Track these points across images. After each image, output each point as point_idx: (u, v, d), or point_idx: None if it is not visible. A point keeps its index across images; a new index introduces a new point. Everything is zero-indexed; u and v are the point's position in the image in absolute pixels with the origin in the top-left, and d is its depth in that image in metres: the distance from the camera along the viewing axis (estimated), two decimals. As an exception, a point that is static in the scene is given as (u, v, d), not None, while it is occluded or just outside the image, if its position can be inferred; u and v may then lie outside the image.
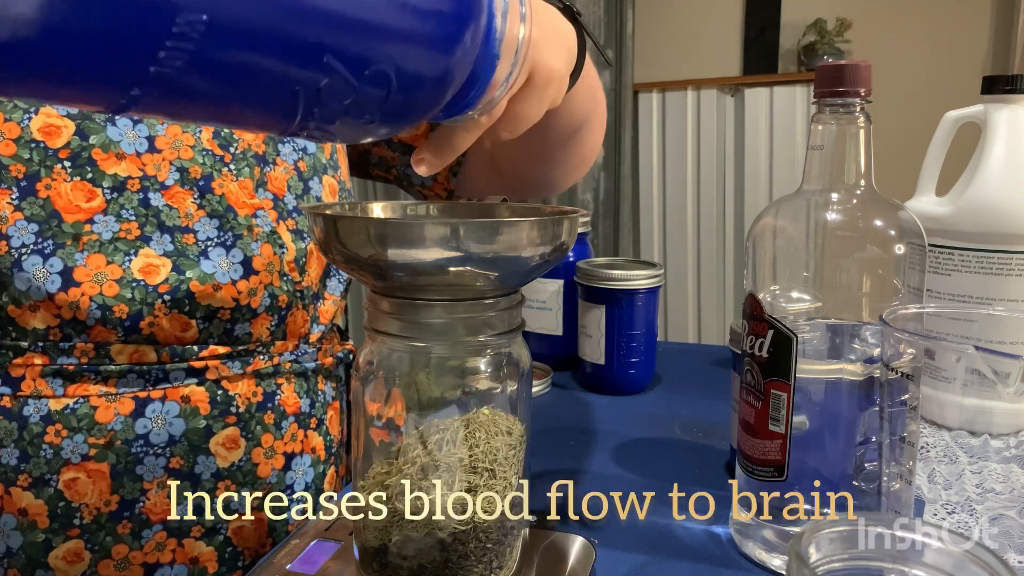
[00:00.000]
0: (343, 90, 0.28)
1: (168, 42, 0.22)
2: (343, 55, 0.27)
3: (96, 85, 0.23)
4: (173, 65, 0.23)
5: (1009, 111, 0.58)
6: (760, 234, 0.46)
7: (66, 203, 0.50)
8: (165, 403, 0.52)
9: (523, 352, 0.41)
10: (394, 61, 0.29)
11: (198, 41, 0.23)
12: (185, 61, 0.23)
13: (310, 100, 0.28)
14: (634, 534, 0.51)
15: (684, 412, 0.75)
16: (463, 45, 0.32)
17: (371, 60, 0.28)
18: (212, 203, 0.54)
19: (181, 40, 0.22)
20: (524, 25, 0.36)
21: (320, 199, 0.62)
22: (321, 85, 0.27)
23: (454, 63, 0.32)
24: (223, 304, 0.54)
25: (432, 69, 0.31)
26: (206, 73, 0.24)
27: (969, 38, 2.39)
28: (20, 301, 0.49)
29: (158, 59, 0.22)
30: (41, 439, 0.50)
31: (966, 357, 0.34)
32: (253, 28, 0.24)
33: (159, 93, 0.24)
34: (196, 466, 0.53)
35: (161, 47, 0.22)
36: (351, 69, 0.28)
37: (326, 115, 0.29)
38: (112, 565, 0.52)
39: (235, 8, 0.23)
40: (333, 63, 0.27)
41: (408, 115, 0.33)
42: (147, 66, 0.23)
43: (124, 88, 0.23)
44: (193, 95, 0.25)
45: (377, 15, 0.28)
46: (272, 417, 0.57)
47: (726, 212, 2.70)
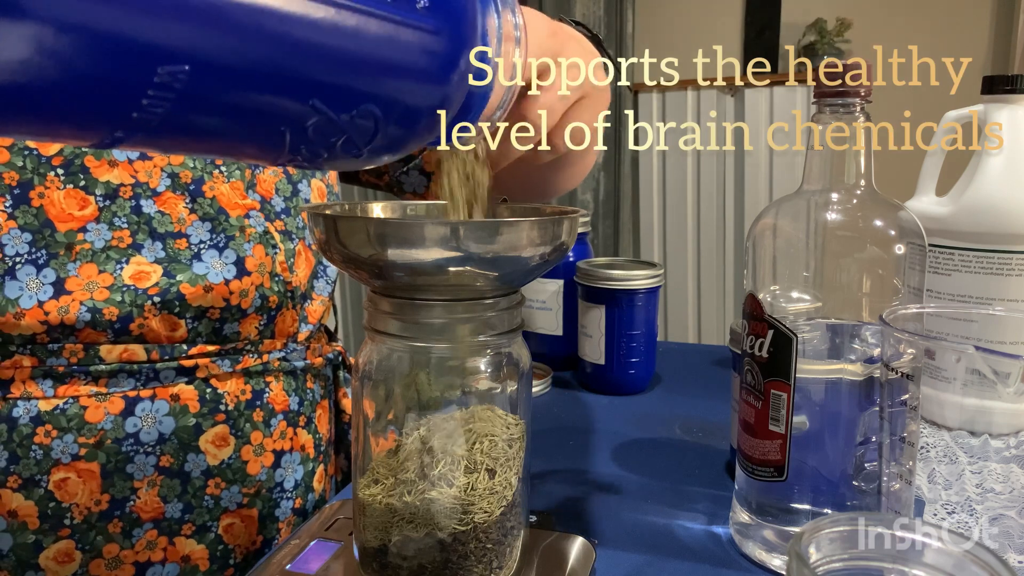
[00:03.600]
0: (330, 130, 0.28)
1: (150, 91, 0.22)
2: (330, 97, 0.27)
3: (80, 128, 0.23)
4: (155, 112, 0.23)
5: (1009, 111, 0.58)
6: (760, 234, 0.46)
7: (59, 212, 0.50)
8: (155, 402, 0.53)
9: (523, 352, 0.41)
10: (381, 100, 0.28)
11: (180, 90, 0.23)
12: (168, 108, 0.23)
13: (296, 139, 0.27)
14: (634, 534, 0.51)
15: (684, 412, 0.75)
16: (455, 76, 0.31)
17: (359, 99, 0.28)
18: (204, 206, 0.55)
19: (163, 89, 0.22)
20: (519, 48, 0.35)
21: (308, 202, 0.62)
22: (308, 124, 0.27)
23: (447, 93, 0.31)
24: (213, 304, 0.54)
25: (421, 102, 0.30)
26: (189, 117, 0.24)
27: (969, 38, 2.39)
28: (5, 309, 0.49)
29: (141, 106, 0.23)
30: (31, 440, 0.50)
31: (966, 357, 0.34)
32: (236, 75, 0.24)
33: (144, 134, 0.24)
34: (186, 464, 0.54)
35: (143, 96, 0.22)
36: (339, 109, 0.27)
37: (314, 151, 0.29)
38: (103, 565, 0.52)
39: (217, 57, 0.23)
40: (320, 106, 0.26)
41: (402, 145, 0.32)
42: (130, 112, 0.23)
43: (109, 130, 0.23)
44: (177, 135, 0.25)
45: (364, 55, 0.27)
46: (261, 415, 0.58)
47: (726, 212, 2.70)
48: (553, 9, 2.63)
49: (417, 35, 0.28)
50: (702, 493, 0.57)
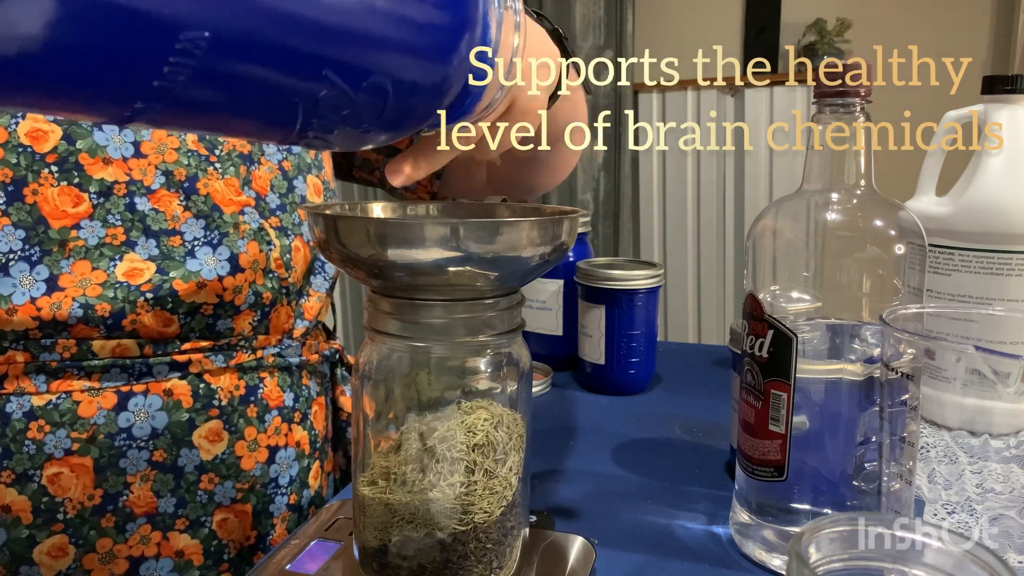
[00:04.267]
0: (341, 101, 0.29)
1: (172, 58, 0.23)
2: (341, 68, 0.28)
3: (100, 99, 0.23)
4: (176, 80, 0.23)
5: (1009, 111, 0.58)
6: (760, 234, 0.46)
7: (52, 209, 0.50)
8: (148, 397, 0.53)
9: (523, 352, 0.41)
10: (391, 73, 0.30)
11: (200, 57, 0.23)
12: (188, 76, 0.23)
13: (309, 111, 0.28)
14: (634, 534, 0.51)
15: (684, 412, 0.75)
16: (459, 55, 0.32)
17: (369, 72, 0.29)
18: (198, 204, 0.55)
19: (184, 56, 0.23)
20: (518, 34, 0.37)
21: (305, 198, 0.62)
22: (320, 97, 0.28)
23: (450, 72, 0.32)
24: (206, 300, 0.54)
25: (428, 78, 0.32)
26: (208, 87, 0.25)
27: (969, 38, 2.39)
28: None
29: (162, 74, 0.23)
30: (24, 435, 0.50)
31: (966, 357, 0.34)
32: (253, 43, 0.25)
33: (162, 107, 0.25)
34: (179, 459, 0.54)
35: (165, 63, 0.23)
36: (349, 81, 0.28)
37: (325, 125, 0.30)
38: (97, 559, 0.52)
39: (236, 24, 0.24)
40: (331, 76, 0.27)
41: (405, 123, 0.33)
42: (151, 81, 0.23)
43: (128, 102, 0.24)
44: (195, 108, 0.26)
45: (375, 28, 0.28)
46: (255, 410, 0.58)
47: (726, 212, 2.70)
48: (553, 9, 2.63)
49: (425, 10, 0.30)
50: (702, 493, 0.57)
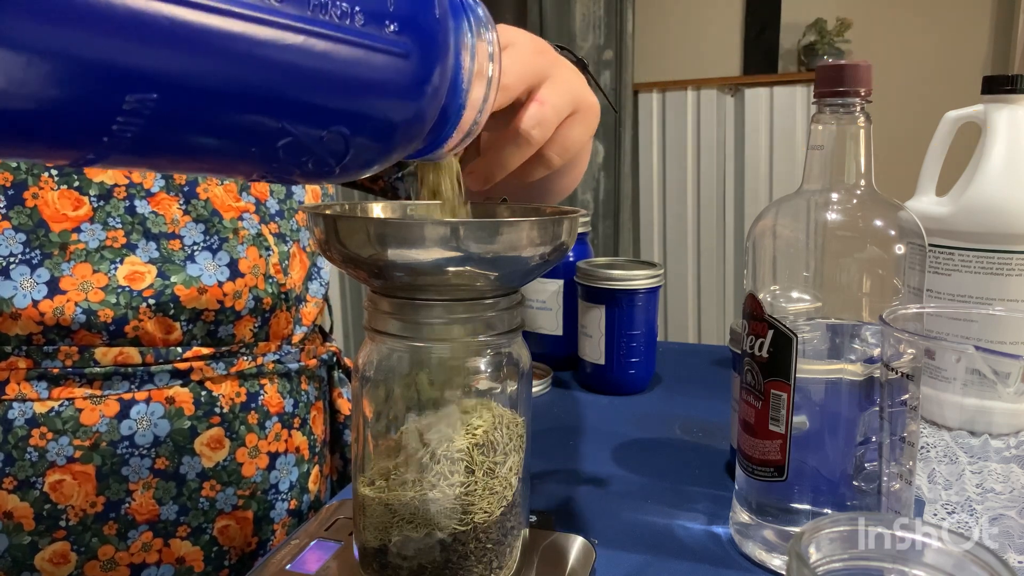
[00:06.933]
0: (303, 149, 0.27)
1: (119, 117, 0.22)
2: (300, 121, 0.26)
3: (52, 150, 0.23)
4: (124, 136, 0.23)
5: (1009, 111, 0.58)
6: (760, 234, 0.46)
7: (53, 212, 0.50)
8: (150, 404, 0.53)
9: (523, 352, 0.41)
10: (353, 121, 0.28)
11: (149, 115, 0.23)
12: (137, 132, 0.23)
13: (269, 159, 0.27)
14: (634, 534, 0.51)
15: (684, 412, 0.75)
16: (427, 94, 0.31)
17: (329, 122, 0.27)
18: (197, 208, 0.55)
19: (132, 116, 0.22)
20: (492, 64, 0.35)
21: (303, 204, 0.62)
22: (279, 146, 0.27)
23: (420, 109, 0.31)
24: (208, 306, 0.54)
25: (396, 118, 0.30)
26: (160, 140, 0.24)
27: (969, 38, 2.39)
28: (0, 308, 0.49)
29: (110, 131, 0.23)
30: (26, 442, 0.50)
31: (966, 357, 0.34)
32: (204, 101, 0.24)
33: (115, 156, 0.24)
34: (181, 466, 0.54)
35: (112, 122, 0.22)
36: (309, 132, 0.27)
37: (287, 168, 0.29)
38: (98, 566, 0.52)
39: (186, 84, 0.23)
40: (290, 129, 0.26)
41: (376, 162, 0.32)
42: (100, 137, 0.23)
43: (80, 151, 0.23)
44: (150, 156, 0.25)
45: (333, 79, 0.27)
46: (256, 417, 0.58)
47: (726, 212, 2.70)
48: (554, 10, 2.63)
49: (386, 59, 0.28)
50: (702, 493, 0.57)
